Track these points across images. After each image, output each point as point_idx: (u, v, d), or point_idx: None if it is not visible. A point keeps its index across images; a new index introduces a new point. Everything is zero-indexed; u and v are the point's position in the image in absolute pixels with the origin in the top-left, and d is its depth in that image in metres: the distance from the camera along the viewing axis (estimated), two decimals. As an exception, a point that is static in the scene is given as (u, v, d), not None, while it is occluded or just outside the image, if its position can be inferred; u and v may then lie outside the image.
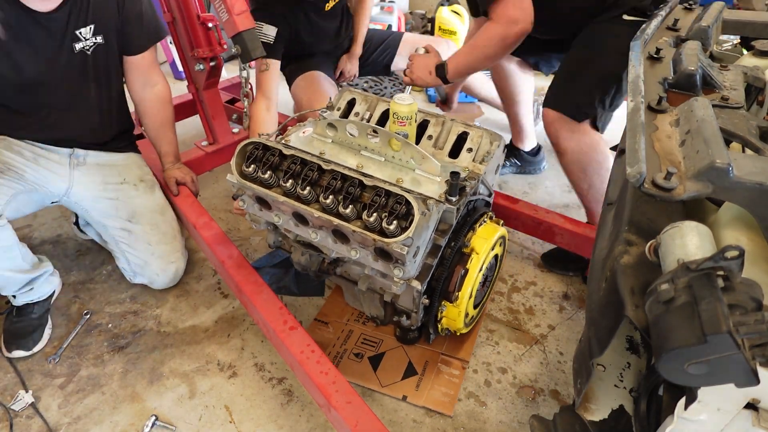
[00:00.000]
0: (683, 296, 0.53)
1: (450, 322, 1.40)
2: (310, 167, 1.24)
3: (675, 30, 1.23)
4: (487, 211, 1.45)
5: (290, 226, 1.33)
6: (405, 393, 1.44)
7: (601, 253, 0.87)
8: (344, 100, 1.63)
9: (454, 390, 1.45)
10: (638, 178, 0.66)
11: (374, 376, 1.49)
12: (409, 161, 1.33)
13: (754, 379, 0.50)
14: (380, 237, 1.11)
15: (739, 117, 0.82)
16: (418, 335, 1.56)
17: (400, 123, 1.43)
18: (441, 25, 3.48)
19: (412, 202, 1.10)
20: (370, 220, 1.13)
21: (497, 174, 1.55)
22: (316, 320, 1.67)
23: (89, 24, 1.51)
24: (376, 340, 1.59)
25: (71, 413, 1.41)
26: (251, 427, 1.38)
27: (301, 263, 1.44)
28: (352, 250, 1.23)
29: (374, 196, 1.16)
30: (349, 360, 1.54)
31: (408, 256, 1.13)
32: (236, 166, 1.28)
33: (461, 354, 1.54)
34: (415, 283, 1.24)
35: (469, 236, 1.35)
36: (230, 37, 1.66)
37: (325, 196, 1.18)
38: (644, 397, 0.82)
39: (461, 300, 1.32)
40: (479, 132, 1.44)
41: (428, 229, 1.21)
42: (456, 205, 1.25)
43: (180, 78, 3.24)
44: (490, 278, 1.52)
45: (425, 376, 1.48)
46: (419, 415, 1.40)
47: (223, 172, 2.44)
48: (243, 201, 1.39)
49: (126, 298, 1.77)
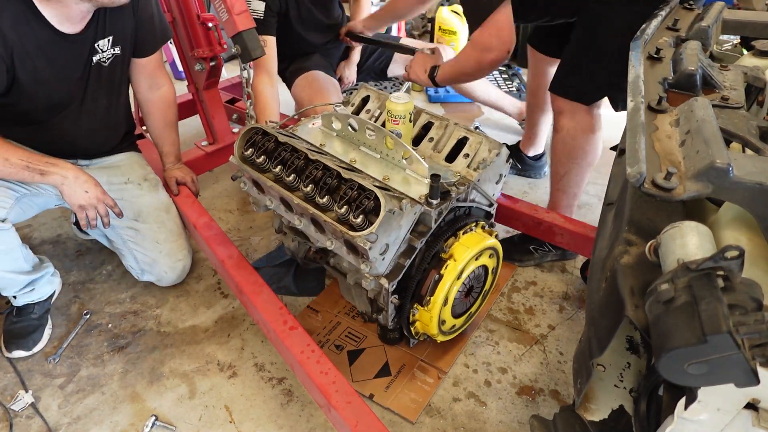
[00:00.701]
0: (683, 296, 0.53)
1: (423, 326, 1.39)
2: (297, 156, 1.28)
3: (675, 30, 1.23)
4: (480, 221, 1.42)
5: (280, 211, 1.38)
6: (372, 392, 1.44)
7: (601, 253, 0.87)
8: (359, 97, 1.67)
9: (423, 397, 1.43)
10: (638, 178, 0.66)
11: (347, 370, 1.49)
12: (400, 160, 1.34)
13: (754, 379, 0.50)
14: (347, 230, 1.12)
15: (739, 117, 0.82)
16: (399, 337, 1.54)
17: (393, 121, 1.44)
18: (441, 25, 3.48)
19: (381, 198, 1.10)
20: (340, 211, 1.15)
21: (500, 184, 1.52)
22: (308, 307, 1.68)
23: (107, 36, 1.50)
24: (360, 336, 1.60)
25: (71, 413, 1.41)
26: (251, 427, 1.38)
27: (291, 249, 1.48)
28: (327, 240, 1.25)
29: (347, 189, 1.17)
30: (329, 350, 1.55)
31: (373, 252, 1.13)
32: (238, 148, 1.36)
33: (440, 363, 1.52)
34: (384, 281, 1.25)
35: (450, 242, 1.32)
36: (230, 36, 1.66)
37: (305, 184, 1.21)
38: (644, 397, 0.82)
39: (433, 305, 1.31)
40: (479, 138, 1.43)
41: (401, 229, 1.20)
42: (435, 208, 1.23)
43: (180, 78, 3.24)
44: (477, 289, 1.48)
45: (398, 379, 1.47)
46: (421, 415, 1.40)
47: (223, 172, 2.44)
48: (244, 183, 1.45)
49: (126, 298, 1.77)
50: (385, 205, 1.09)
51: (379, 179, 1.31)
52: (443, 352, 1.56)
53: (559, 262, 1.90)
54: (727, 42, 1.43)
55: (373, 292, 1.32)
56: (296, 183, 1.26)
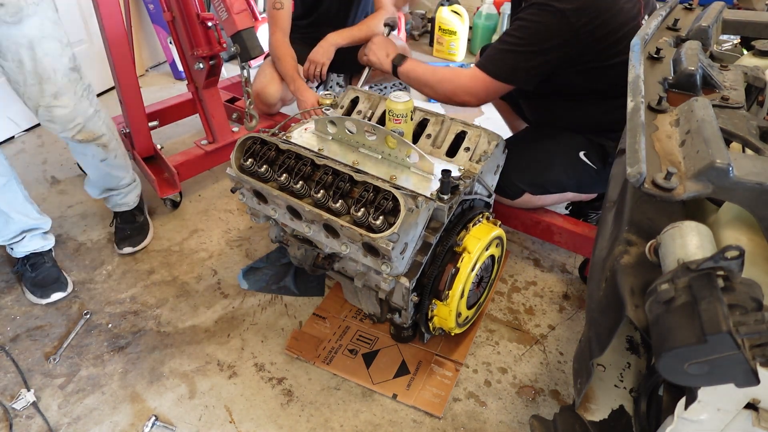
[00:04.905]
0: (683, 296, 0.53)
1: (441, 321, 1.40)
2: (303, 162, 1.26)
3: (675, 30, 1.23)
4: (483, 212, 1.45)
5: (286, 220, 1.35)
6: (395, 391, 1.44)
7: (601, 253, 0.87)
8: (348, 99, 1.65)
9: (445, 391, 1.44)
10: (638, 178, 0.66)
11: (366, 373, 1.49)
12: (404, 159, 1.34)
13: (754, 379, 0.50)
14: (367, 232, 1.12)
15: (739, 117, 0.82)
16: (412, 334, 1.55)
17: (395, 120, 1.44)
18: (441, 25, 3.48)
19: (399, 198, 1.10)
20: (357, 215, 1.14)
21: (497, 174, 1.55)
22: (314, 314, 1.67)
23: None
24: (372, 338, 1.59)
25: (71, 413, 1.41)
26: (251, 427, 1.38)
27: (297, 257, 1.46)
28: (342, 245, 1.24)
29: (363, 191, 1.16)
30: (343, 356, 1.54)
31: (394, 252, 1.13)
32: (235, 160, 1.32)
33: (455, 356, 1.54)
34: (404, 279, 1.25)
35: (462, 235, 1.34)
36: (229, 36, 1.66)
37: (316, 190, 1.20)
38: (644, 397, 0.83)
39: (452, 299, 1.32)
40: (477, 131, 1.45)
41: (417, 227, 1.21)
42: (447, 204, 1.25)
43: (180, 78, 3.24)
44: (487, 279, 1.52)
45: (417, 376, 1.48)
46: (419, 415, 1.40)
47: (223, 171, 2.44)
48: (242, 194, 1.41)
49: (126, 298, 1.77)
50: (404, 204, 1.09)
51: (387, 179, 1.31)
52: (456, 344, 1.57)
53: (559, 262, 1.90)
54: (727, 42, 1.43)
55: (384, 293, 1.33)
56: (304, 190, 1.24)
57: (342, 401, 1.44)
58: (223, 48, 1.98)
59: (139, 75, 2.30)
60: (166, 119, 2.40)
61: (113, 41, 1.83)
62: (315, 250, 1.44)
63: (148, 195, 2.19)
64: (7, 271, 1.83)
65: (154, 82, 3.23)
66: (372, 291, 1.39)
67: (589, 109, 1.65)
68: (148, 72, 3.36)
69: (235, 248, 1.97)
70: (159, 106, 2.38)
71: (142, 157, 2.13)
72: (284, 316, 1.68)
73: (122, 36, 1.85)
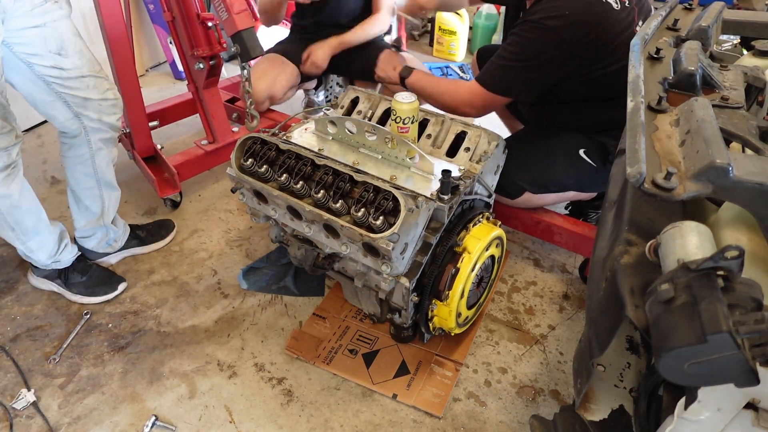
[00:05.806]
0: (683, 296, 0.53)
1: (441, 321, 1.40)
2: (304, 162, 1.27)
3: (675, 30, 1.23)
4: (484, 212, 1.45)
5: (286, 220, 1.35)
6: (395, 391, 1.44)
7: (601, 253, 0.87)
8: (348, 99, 1.66)
9: (445, 391, 1.44)
10: (638, 178, 0.66)
11: (366, 373, 1.49)
12: (404, 159, 1.34)
13: (754, 379, 0.50)
14: (367, 232, 1.12)
15: (739, 117, 0.82)
16: (412, 334, 1.55)
17: (402, 129, 1.44)
18: (441, 25, 3.48)
19: (399, 198, 1.10)
20: (357, 215, 1.14)
21: (497, 174, 1.55)
22: (314, 314, 1.67)
23: None
24: (372, 338, 1.59)
25: (71, 413, 1.41)
26: (251, 427, 1.38)
27: (297, 257, 1.46)
28: (342, 245, 1.24)
29: (363, 191, 1.17)
30: (343, 355, 1.54)
31: (395, 252, 1.13)
32: (236, 160, 1.32)
33: (455, 356, 1.54)
34: (404, 279, 1.25)
35: (462, 235, 1.34)
36: (229, 36, 1.66)
37: (316, 190, 1.20)
38: (644, 397, 0.83)
39: (452, 299, 1.32)
40: (477, 131, 1.45)
41: (417, 227, 1.21)
42: (448, 204, 1.25)
43: (180, 78, 3.24)
44: (487, 279, 1.52)
45: (417, 376, 1.48)
46: (419, 415, 1.40)
47: (224, 171, 2.44)
48: (242, 194, 1.41)
49: (126, 298, 1.77)
50: (405, 204, 1.10)
51: (387, 179, 1.31)
52: (456, 344, 1.57)
53: (559, 262, 1.90)
54: (727, 42, 1.43)
55: (384, 293, 1.33)
56: (304, 190, 1.24)
57: (342, 401, 1.44)
58: (223, 48, 1.98)
59: (139, 75, 2.29)
60: (166, 119, 2.40)
61: (114, 41, 1.83)
62: (315, 250, 1.45)
63: (149, 195, 2.20)
64: (7, 271, 1.83)
65: (154, 82, 3.23)
66: (372, 291, 1.39)
67: (588, 111, 1.66)
68: (148, 72, 3.36)
69: (235, 248, 1.97)
70: (159, 106, 2.38)
71: (143, 157, 2.13)
72: (284, 316, 1.68)
73: (123, 36, 1.85)
